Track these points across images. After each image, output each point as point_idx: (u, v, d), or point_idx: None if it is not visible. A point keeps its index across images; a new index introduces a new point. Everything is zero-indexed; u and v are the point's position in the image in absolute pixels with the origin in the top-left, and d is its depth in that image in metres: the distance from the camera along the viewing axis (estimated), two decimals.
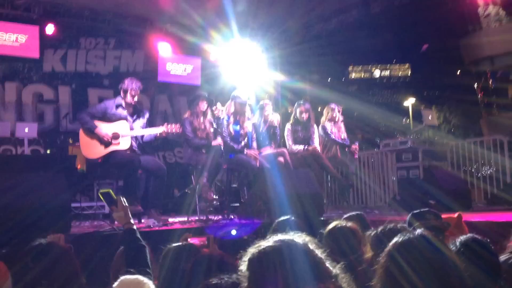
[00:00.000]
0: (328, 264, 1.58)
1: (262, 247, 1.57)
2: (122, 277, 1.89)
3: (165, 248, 2.82)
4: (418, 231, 1.78)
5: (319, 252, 1.59)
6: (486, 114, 20.01)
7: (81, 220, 6.65)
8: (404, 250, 1.68)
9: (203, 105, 6.99)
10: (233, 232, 3.33)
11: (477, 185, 8.58)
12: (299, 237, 1.60)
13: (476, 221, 4.83)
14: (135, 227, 2.87)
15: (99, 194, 3.00)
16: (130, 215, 2.89)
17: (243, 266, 1.57)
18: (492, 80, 20.25)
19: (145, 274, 2.44)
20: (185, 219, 6.40)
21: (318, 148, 7.65)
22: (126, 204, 2.89)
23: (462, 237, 2.38)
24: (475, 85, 21.24)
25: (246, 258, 1.58)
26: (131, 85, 6.41)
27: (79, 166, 7.95)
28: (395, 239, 1.77)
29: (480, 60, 20.17)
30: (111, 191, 2.92)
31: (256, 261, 1.54)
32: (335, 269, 1.59)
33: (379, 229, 2.60)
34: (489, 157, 8.62)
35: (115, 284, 1.80)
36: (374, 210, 7.84)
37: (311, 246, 1.59)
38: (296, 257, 1.51)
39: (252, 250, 1.58)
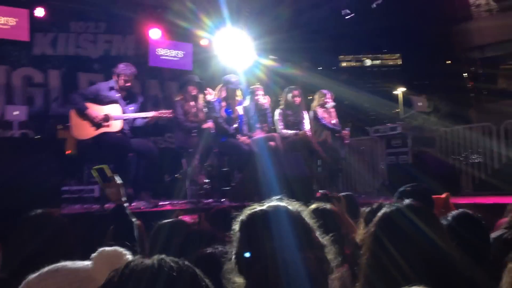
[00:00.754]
0: (318, 234, 1.61)
1: (256, 209, 1.59)
2: (101, 249, 1.88)
3: (156, 224, 2.84)
4: (398, 205, 1.80)
5: (310, 222, 1.61)
6: (475, 102, 20.16)
7: (70, 204, 6.63)
8: (384, 225, 1.71)
9: (193, 90, 7.01)
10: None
11: (465, 171, 8.68)
12: (293, 204, 1.62)
13: (464, 203, 4.89)
14: (126, 204, 2.87)
15: (92, 171, 2.98)
16: (122, 193, 2.88)
17: (236, 227, 1.59)
18: (482, 69, 20.37)
19: (131, 249, 2.46)
20: (176, 201, 6.42)
21: (309, 133, 7.68)
22: (120, 181, 2.89)
23: (454, 212, 2.43)
24: (465, 74, 21.37)
25: (239, 218, 1.60)
26: (124, 70, 6.40)
27: (69, 151, 7.92)
28: (378, 214, 1.80)
29: (470, 49, 20.30)
30: (106, 167, 2.90)
31: (247, 223, 1.56)
32: (323, 240, 1.61)
33: (374, 205, 2.63)
34: (478, 144, 8.70)
35: (94, 254, 1.80)
36: (362, 195, 7.91)
37: (304, 215, 1.61)
38: (287, 222, 1.53)
39: (246, 212, 1.60)
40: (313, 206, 3.09)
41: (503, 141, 8.31)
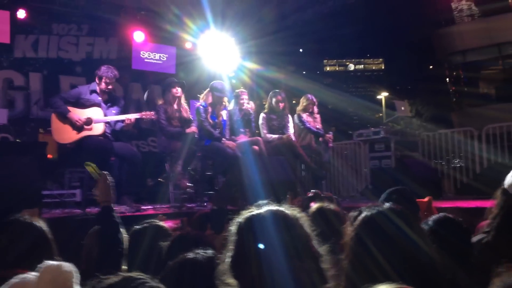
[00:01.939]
0: (315, 243, 1.59)
1: (254, 213, 1.56)
2: (45, 264, 1.82)
3: (135, 227, 2.80)
4: (379, 208, 1.79)
5: (308, 230, 1.59)
6: (457, 107, 20.38)
7: (51, 208, 6.54)
8: (366, 227, 1.69)
9: (177, 91, 6.97)
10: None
11: (447, 175, 8.76)
12: (292, 210, 1.60)
13: (446, 207, 4.92)
14: (112, 205, 2.81)
15: (86, 165, 2.91)
16: (111, 194, 2.83)
17: (232, 228, 1.57)
18: (464, 74, 20.60)
19: (118, 254, 2.41)
20: (159, 206, 6.36)
21: (293, 137, 7.69)
22: (111, 182, 2.83)
23: (435, 216, 2.43)
24: (447, 79, 21.60)
25: (236, 220, 1.58)
26: (107, 73, 6.34)
27: (50, 155, 7.82)
28: (360, 216, 1.78)
29: (452, 54, 20.54)
30: (95, 166, 2.86)
31: (245, 226, 1.54)
32: (320, 249, 1.59)
33: (361, 209, 2.62)
34: (460, 148, 8.80)
35: (39, 269, 1.74)
36: (346, 199, 7.92)
37: (302, 222, 1.59)
38: (285, 229, 1.51)
39: (244, 215, 1.58)
40: (317, 205, 3.08)
41: (484, 145, 8.40)
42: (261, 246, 1.47)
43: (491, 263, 2.05)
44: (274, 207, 1.60)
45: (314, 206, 3.14)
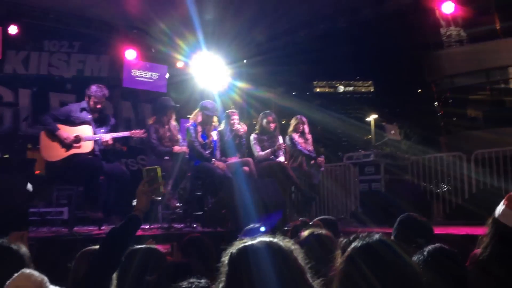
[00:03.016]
0: (309, 276, 1.56)
1: (247, 244, 1.53)
2: (19, 273, 1.77)
3: (129, 249, 2.72)
4: (377, 235, 1.77)
5: (302, 262, 1.56)
6: (445, 130, 20.54)
7: (38, 226, 6.44)
8: (362, 254, 1.67)
9: (173, 116, 7.01)
10: (262, 228, 3.22)
11: (436, 199, 8.79)
12: (286, 242, 1.57)
13: (437, 233, 4.89)
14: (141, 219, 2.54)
15: (144, 170, 2.66)
16: (149, 205, 2.60)
17: (225, 259, 1.53)
18: (452, 98, 20.81)
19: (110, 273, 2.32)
20: (147, 226, 6.29)
21: (283, 159, 7.69)
22: (161, 194, 2.64)
23: (430, 247, 2.41)
24: (436, 103, 21.79)
25: (229, 251, 1.54)
26: (96, 92, 6.30)
27: (38, 172, 7.73)
28: (354, 244, 1.76)
29: (441, 78, 20.76)
30: (159, 169, 2.61)
31: (237, 258, 1.50)
32: (314, 283, 1.56)
33: (352, 236, 2.60)
34: (449, 172, 8.84)
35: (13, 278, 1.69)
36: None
37: (296, 254, 1.56)
38: (279, 261, 1.48)
39: (237, 245, 1.54)
40: (308, 231, 3.06)
41: (473, 170, 8.45)
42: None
43: None
44: (267, 238, 1.57)
45: (305, 232, 3.11)
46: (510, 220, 2.22)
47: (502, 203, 2.33)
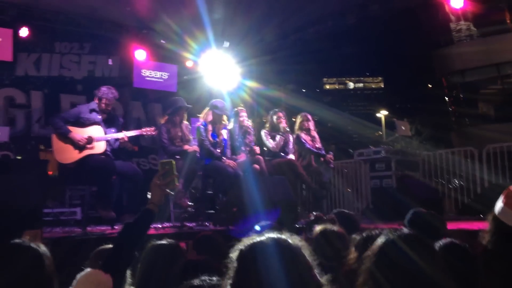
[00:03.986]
0: (317, 272, 1.58)
1: (256, 240, 1.55)
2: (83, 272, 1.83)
3: (151, 243, 2.75)
4: (405, 229, 1.80)
5: (310, 259, 1.58)
6: (456, 126, 20.43)
7: (52, 226, 6.51)
8: (394, 248, 1.71)
9: (184, 116, 7.04)
10: (257, 227, 3.24)
11: (448, 195, 8.75)
12: (294, 239, 1.59)
13: (449, 229, 4.89)
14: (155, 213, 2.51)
15: (159, 163, 2.67)
16: (163, 199, 2.56)
17: (233, 255, 1.55)
18: (463, 94, 20.68)
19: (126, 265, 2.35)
20: (159, 225, 6.33)
21: (293, 156, 7.70)
22: (175, 187, 2.62)
23: (441, 242, 2.42)
24: (446, 98, 21.68)
25: (238, 248, 1.56)
26: (107, 95, 6.36)
27: (50, 172, 7.81)
28: (381, 239, 1.79)
29: (451, 74, 20.65)
30: (173, 162, 2.57)
31: (247, 254, 1.52)
32: (322, 279, 1.58)
33: (365, 233, 2.63)
34: (460, 168, 8.79)
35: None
36: None
37: (304, 251, 1.58)
38: (287, 258, 1.50)
39: (245, 242, 1.56)
40: (320, 227, 3.07)
41: (485, 165, 8.40)
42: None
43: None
44: (276, 235, 1.59)
45: (317, 228, 3.12)
46: (508, 218, 2.22)
47: (500, 199, 2.33)
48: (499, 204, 2.32)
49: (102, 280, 1.79)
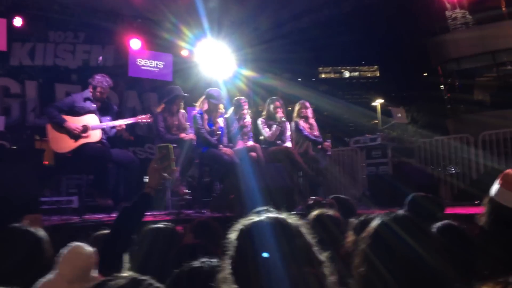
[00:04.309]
0: (316, 250, 1.59)
1: (255, 220, 1.56)
2: (72, 244, 1.86)
3: (149, 227, 2.76)
4: (400, 211, 1.82)
5: (309, 237, 1.59)
6: (452, 113, 20.48)
7: (49, 215, 6.50)
8: (388, 229, 1.71)
9: (181, 104, 7.03)
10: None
11: (444, 181, 8.79)
12: (292, 218, 1.60)
13: (444, 214, 4.92)
14: (153, 197, 2.52)
15: (156, 147, 2.66)
16: (160, 183, 2.56)
17: (233, 235, 1.56)
18: (458, 81, 20.71)
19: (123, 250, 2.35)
20: (156, 213, 6.35)
21: (290, 144, 7.71)
22: (173, 171, 2.59)
23: (439, 223, 2.44)
24: (442, 86, 21.71)
25: (237, 227, 1.57)
26: (101, 83, 6.33)
27: (46, 162, 7.79)
28: (377, 220, 1.80)
29: (447, 61, 20.66)
30: (171, 146, 2.56)
31: (247, 233, 1.53)
32: (322, 256, 1.59)
33: (362, 217, 2.64)
34: (456, 154, 8.83)
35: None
36: None
37: (303, 229, 1.59)
38: (287, 236, 1.51)
39: (244, 222, 1.57)
40: (316, 212, 3.08)
41: (480, 151, 8.44)
42: (265, 255, 1.47)
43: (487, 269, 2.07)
44: (275, 215, 1.59)
45: (314, 212, 3.14)
46: (504, 198, 2.25)
47: (497, 182, 2.36)
48: (495, 187, 2.35)
49: (86, 253, 1.81)
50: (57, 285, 1.65)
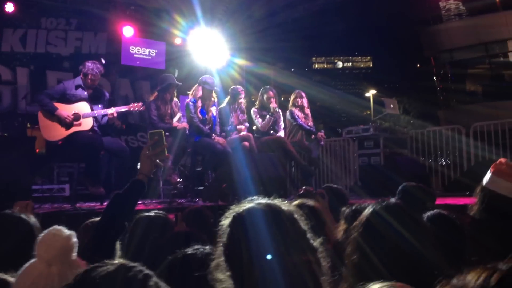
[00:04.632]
0: (310, 236, 1.58)
1: (249, 206, 1.55)
2: (51, 228, 1.86)
3: (139, 216, 2.76)
4: (392, 199, 1.82)
5: (303, 224, 1.59)
6: (444, 104, 20.56)
7: (41, 203, 6.49)
8: (380, 217, 1.72)
9: (174, 93, 7.00)
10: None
11: (435, 172, 8.84)
12: (286, 205, 1.59)
13: (435, 204, 4.95)
14: (145, 183, 2.47)
15: (149, 133, 2.57)
16: (152, 169, 2.52)
17: (225, 221, 1.55)
18: (451, 72, 20.77)
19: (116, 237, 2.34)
20: (149, 201, 6.35)
21: (283, 134, 7.71)
22: (165, 157, 2.54)
23: (429, 212, 2.46)
24: (434, 77, 21.77)
25: (229, 214, 1.56)
26: (92, 70, 6.26)
27: (38, 150, 7.76)
28: (369, 208, 1.80)
29: (439, 52, 20.71)
30: (163, 132, 2.53)
31: (240, 220, 1.52)
32: (315, 242, 1.59)
33: (354, 206, 2.65)
34: (448, 145, 8.88)
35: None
36: None
37: (296, 216, 1.58)
38: (281, 223, 1.50)
39: (237, 209, 1.56)
40: (296, 202, 3.08)
41: (472, 142, 8.48)
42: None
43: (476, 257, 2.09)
44: (267, 201, 1.59)
45: (294, 202, 3.13)
46: (497, 186, 2.27)
47: (489, 171, 2.38)
48: (487, 175, 2.37)
49: (63, 235, 1.80)
50: (36, 268, 1.66)
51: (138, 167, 2.56)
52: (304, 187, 4.25)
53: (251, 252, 1.45)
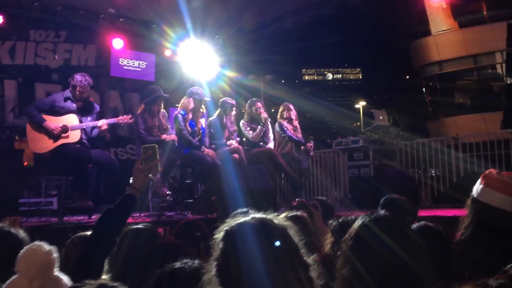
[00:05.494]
0: (303, 252, 1.57)
1: (242, 221, 1.54)
2: (31, 244, 1.86)
3: (128, 228, 2.72)
4: (382, 211, 1.82)
5: (296, 239, 1.58)
6: (433, 116, 20.70)
7: (28, 216, 6.42)
8: (370, 230, 1.71)
9: (161, 105, 6.97)
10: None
11: (424, 184, 8.86)
12: (279, 219, 1.58)
13: (424, 216, 4.96)
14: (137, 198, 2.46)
15: (142, 148, 2.56)
16: (145, 184, 2.53)
17: (218, 236, 1.54)
18: (440, 84, 20.94)
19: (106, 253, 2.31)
20: (137, 214, 6.30)
21: (273, 145, 7.70)
22: (158, 172, 2.53)
23: (416, 224, 2.45)
24: (423, 89, 21.93)
25: (223, 228, 1.54)
26: (81, 82, 6.21)
27: (25, 163, 7.69)
28: (359, 221, 1.79)
29: (428, 64, 20.89)
30: (156, 147, 2.54)
31: (232, 234, 1.51)
32: (308, 259, 1.58)
33: (341, 219, 2.64)
34: (437, 157, 8.90)
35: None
36: None
37: (290, 231, 1.57)
38: (274, 238, 1.49)
39: (231, 223, 1.55)
40: (284, 214, 3.08)
41: (460, 154, 8.52)
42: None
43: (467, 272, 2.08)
44: (261, 216, 1.58)
45: (283, 214, 3.13)
46: (489, 198, 2.25)
47: (478, 182, 2.35)
48: (477, 187, 2.34)
49: (43, 250, 1.79)
50: (18, 283, 1.64)
51: (129, 180, 2.55)
52: (297, 199, 4.25)
53: (242, 268, 1.43)
